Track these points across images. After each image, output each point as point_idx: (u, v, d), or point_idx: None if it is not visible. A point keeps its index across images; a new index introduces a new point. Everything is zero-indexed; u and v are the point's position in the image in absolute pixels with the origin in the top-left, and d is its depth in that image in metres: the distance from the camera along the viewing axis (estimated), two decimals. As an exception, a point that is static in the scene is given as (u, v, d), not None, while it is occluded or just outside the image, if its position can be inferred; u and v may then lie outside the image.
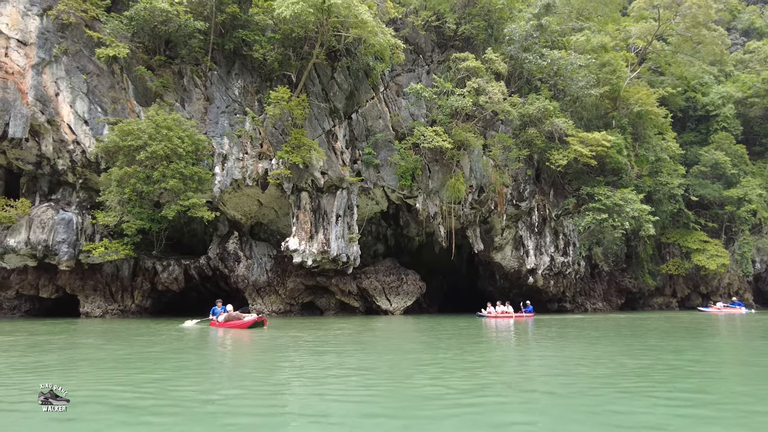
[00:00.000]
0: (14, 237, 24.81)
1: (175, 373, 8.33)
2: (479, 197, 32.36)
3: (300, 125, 26.83)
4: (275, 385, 7.21)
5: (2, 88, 23.78)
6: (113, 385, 7.10)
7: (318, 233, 28.08)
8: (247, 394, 6.57)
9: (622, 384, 7.32)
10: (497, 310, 29.76)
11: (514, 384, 7.35)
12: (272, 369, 8.74)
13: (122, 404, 5.92)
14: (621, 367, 8.99)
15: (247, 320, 18.32)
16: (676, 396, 6.52)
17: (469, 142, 29.67)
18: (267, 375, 8.09)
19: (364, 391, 6.78)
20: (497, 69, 30.55)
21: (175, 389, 6.84)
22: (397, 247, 38.54)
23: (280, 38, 26.47)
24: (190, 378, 7.92)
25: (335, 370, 8.46)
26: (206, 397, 6.40)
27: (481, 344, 13.48)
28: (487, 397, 6.34)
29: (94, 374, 8.21)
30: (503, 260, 36.43)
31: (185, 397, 6.31)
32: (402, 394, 6.55)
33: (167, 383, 7.31)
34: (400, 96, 31.65)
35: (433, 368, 8.86)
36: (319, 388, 6.91)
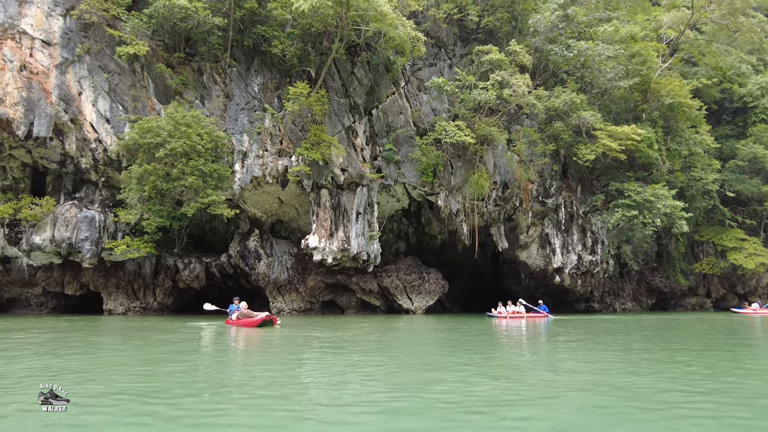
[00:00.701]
0: (40, 235, 25.14)
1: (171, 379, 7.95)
2: (503, 194, 31.51)
3: (319, 121, 26.49)
4: (281, 399, 6.70)
5: (27, 88, 24.09)
6: (102, 395, 6.75)
7: (338, 231, 27.71)
8: (249, 404, 6.13)
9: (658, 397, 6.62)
10: (508, 310, 28.65)
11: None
12: (277, 377, 7.88)
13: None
14: (656, 375, 8.26)
15: (255, 319, 17.89)
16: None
17: (492, 136, 28.86)
18: (269, 383, 7.61)
19: (382, 403, 6.25)
20: (521, 61, 29.65)
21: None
22: (419, 245, 37.92)
23: (299, 33, 26.18)
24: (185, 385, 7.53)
25: (347, 376, 7.96)
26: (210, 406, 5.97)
27: (504, 348, 12.82)
28: (509, 409, 5.76)
29: (94, 377, 7.90)
30: (529, 259, 35.46)
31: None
32: (423, 404, 6.01)
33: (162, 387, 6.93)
34: (422, 91, 31.03)
35: (455, 374, 8.29)
36: (328, 399, 6.41)
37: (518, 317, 27.71)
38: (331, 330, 17.36)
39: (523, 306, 29.20)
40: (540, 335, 16.29)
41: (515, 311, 28.66)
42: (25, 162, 26.40)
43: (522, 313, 28.50)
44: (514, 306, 29.23)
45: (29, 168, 26.97)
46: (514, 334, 16.67)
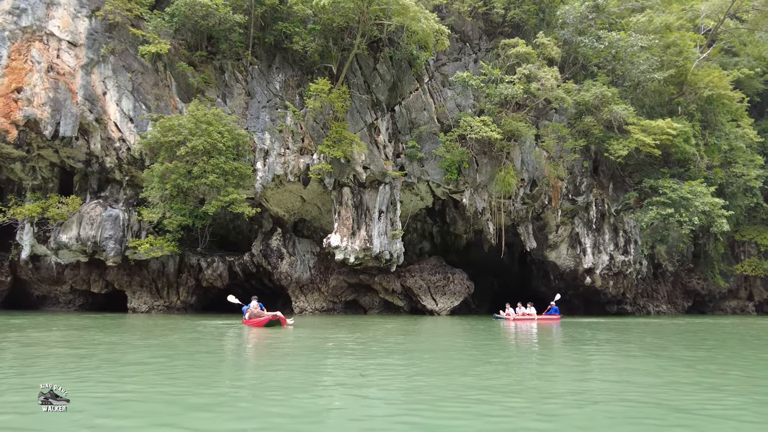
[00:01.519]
0: (66, 233, 25.46)
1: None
2: (531, 191, 30.49)
3: (341, 118, 26.08)
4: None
5: (54, 89, 24.40)
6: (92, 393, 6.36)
7: (360, 229, 27.24)
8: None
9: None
10: (518, 312, 27.34)
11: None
12: (268, 387, 6.99)
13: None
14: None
15: (261, 319, 17.40)
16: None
17: (520, 132, 27.91)
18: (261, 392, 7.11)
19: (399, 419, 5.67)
20: (549, 54, 28.60)
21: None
22: (444, 245, 37.16)
23: (320, 29, 25.80)
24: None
25: (355, 390, 7.39)
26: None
27: (536, 354, 12.07)
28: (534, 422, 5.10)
29: (93, 378, 7.56)
30: (558, 259, 34.30)
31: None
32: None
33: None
34: (446, 86, 30.28)
35: (478, 384, 7.66)
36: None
37: (528, 319, 26.38)
38: (348, 330, 16.86)
39: (533, 308, 27.78)
40: (572, 339, 15.42)
41: (525, 313, 27.33)
42: (53, 162, 26.80)
43: (533, 315, 27.15)
44: (524, 308, 27.92)
45: (57, 167, 27.38)
46: (549, 338, 15.85)
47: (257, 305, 18.62)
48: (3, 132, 23.81)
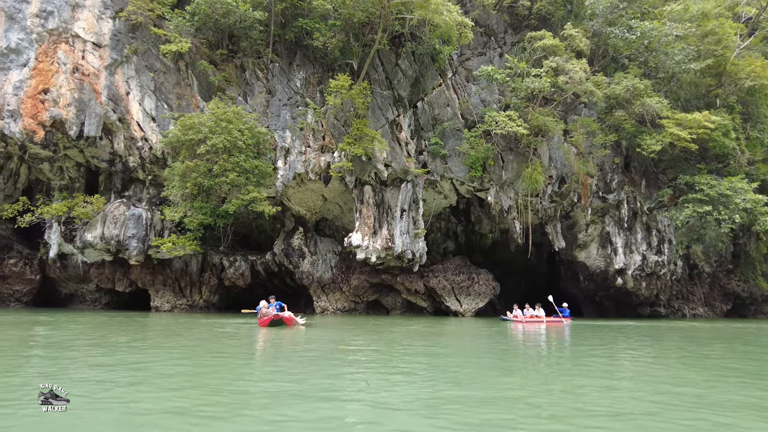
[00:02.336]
0: (91, 232, 25.71)
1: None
2: (560, 189, 29.44)
3: (362, 115, 25.61)
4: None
5: (79, 89, 24.66)
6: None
7: (382, 228, 26.72)
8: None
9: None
10: (526, 314, 26.10)
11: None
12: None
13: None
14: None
15: (263, 318, 16.97)
16: None
17: (547, 127, 26.94)
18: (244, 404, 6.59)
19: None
20: (578, 46, 27.53)
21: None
22: (468, 244, 36.33)
23: (340, 25, 25.40)
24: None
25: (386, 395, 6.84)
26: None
27: (567, 361, 11.33)
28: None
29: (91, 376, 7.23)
30: (588, 259, 33.09)
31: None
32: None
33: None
34: (470, 81, 29.50)
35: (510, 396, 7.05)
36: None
37: (536, 321, 25.15)
38: (366, 332, 16.35)
39: (542, 309, 26.51)
40: (603, 344, 14.56)
41: (533, 315, 26.09)
42: (79, 162, 27.14)
43: (541, 317, 25.89)
44: (532, 309, 26.72)
45: (83, 167, 27.73)
46: (580, 342, 15.02)
47: (266, 305, 18.23)
48: (30, 132, 24.19)
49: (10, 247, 29.12)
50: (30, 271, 28.76)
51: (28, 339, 12.12)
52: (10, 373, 7.27)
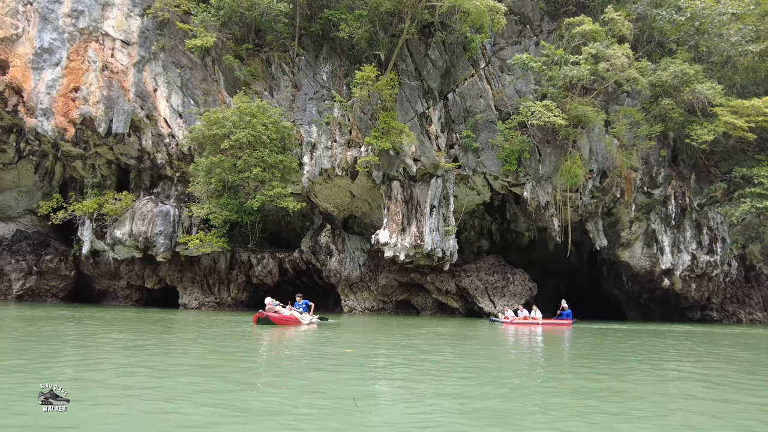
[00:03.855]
0: (120, 229, 25.85)
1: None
2: (601, 184, 27.69)
3: (389, 108, 24.73)
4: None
5: (108, 87, 24.82)
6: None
7: (410, 225, 25.74)
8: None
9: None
10: (520, 315, 24.13)
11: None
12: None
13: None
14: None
15: (254, 315, 16.32)
16: None
17: (587, 118, 25.30)
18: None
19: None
20: (620, 31, 25.75)
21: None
22: (504, 243, 34.86)
23: (367, 15, 24.58)
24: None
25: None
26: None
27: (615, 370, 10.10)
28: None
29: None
30: (631, 259, 31.10)
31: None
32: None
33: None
34: (504, 72, 28.13)
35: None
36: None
37: (531, 324, 23.18)
38: (386, 333, 15.42)
39: (539, 311, 24.40)
40: (662, 351, 13.14)
41: (526, 317, 24.03)
42: (110, 159, 27.37)
43: (537, 319, 23.75)
44: (526, 311, 24.78)
45: (114, 165, 27.97)
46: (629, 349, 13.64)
47: (272, 302, 17.54)
48: (62, 130, 24.48)
49: (47, 243, 29.75)
50: (65, 268, 29.27)
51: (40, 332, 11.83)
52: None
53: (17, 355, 8.26)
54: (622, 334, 19.03)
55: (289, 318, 16.68)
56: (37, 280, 29.08)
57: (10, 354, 8.45)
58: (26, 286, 28.90)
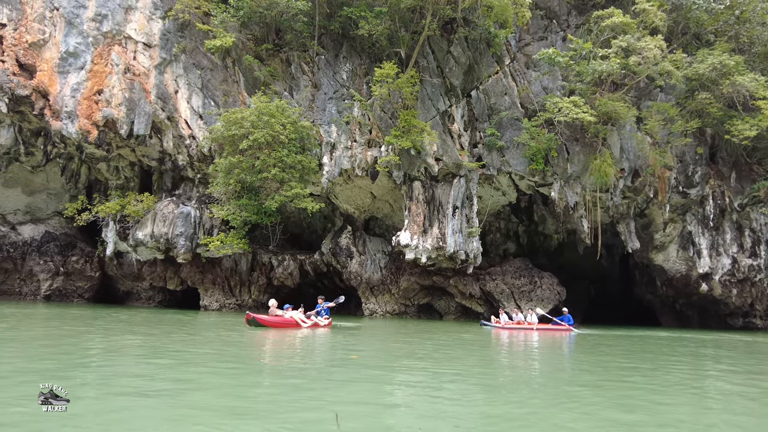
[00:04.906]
0: (142, 230, 25.94)
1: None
2: (633, 183, 26.45)
3: (410, 106, 24.12)
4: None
5: (129, 89, 24.96)
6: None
7: (432, 227, 25.02)
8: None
9: None
10: (515, 320, 22.98)
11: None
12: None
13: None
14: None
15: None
16: None
17: (617, 114, 24.17)
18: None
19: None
20: (652, 22, 24.54)
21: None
22: (531, 246, 33.76)
23: (387, 12, 24.06)
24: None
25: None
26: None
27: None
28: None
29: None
30: (666, 262, 29.63)
31: None
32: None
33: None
34: (530, 68, 27.20)
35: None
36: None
37: (525, 329, 22.01)
38: (402, 338, 14.76)
39: (536, 316, 23.14)
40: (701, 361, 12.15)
41: (520, 321, 22.84)
42: (132, 161, 27.56)
43: (533, 324, 22.54)
44: (521, 315, 23.51)
45: (137, 167, 28.16)
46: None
47: (275, 303, 17.19)
48: (85, 132, 24.73)
49: (73, 245, 30.19)
50: (90, 269, 29.63)
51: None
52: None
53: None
54: (651, 341, 17.90)
55: (287, 321, 16.19)
56: (64, 280, 29.51)
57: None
58: (54, 287, 29.37)
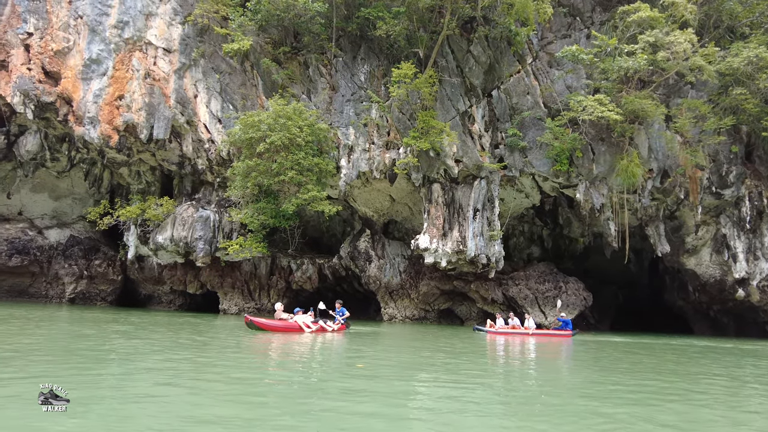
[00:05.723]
0: (162, 234, 26.08)
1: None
2: (662, 184, 25.38)
3: (429, 107, 23.65)
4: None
5: (149, 94, 25.19)
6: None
7: (452, 230, 24.43)
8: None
9: None
10: (509, 324, 22.02)
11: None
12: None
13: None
14: None
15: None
16: None
17: (645, 112, 23.20)
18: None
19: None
20: (682, 16, 23.52)
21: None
22: (556, 250, 32.78)
23: (405, 11, 23.68)
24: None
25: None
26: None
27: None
28: None
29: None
30: (699, 267, 28.34)
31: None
32: None
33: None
34: (553, 67, 26.42)
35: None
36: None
37: (520, 334, 21.12)
38: (418, 345, 14.22)
39: (532, 321, 22.23)
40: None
41: (515, 326, 21.90)
42: (153, 166, 27.79)
43: (530, 329, 21.58)
44: (517, 320, 22.45)
45: (158, 171, 28.40)
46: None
47: (281, 307, 17.03)
48: (107, 137, 25.03)
49: (97, 249, 30.60)
50: (112, 272, 29.99)
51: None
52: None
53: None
54: (683, 349, 16.93)
55: (288, 326, 15.89)
56: (88, 284, 29.92)
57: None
58: (78, 290, 29.79)
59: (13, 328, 12.76)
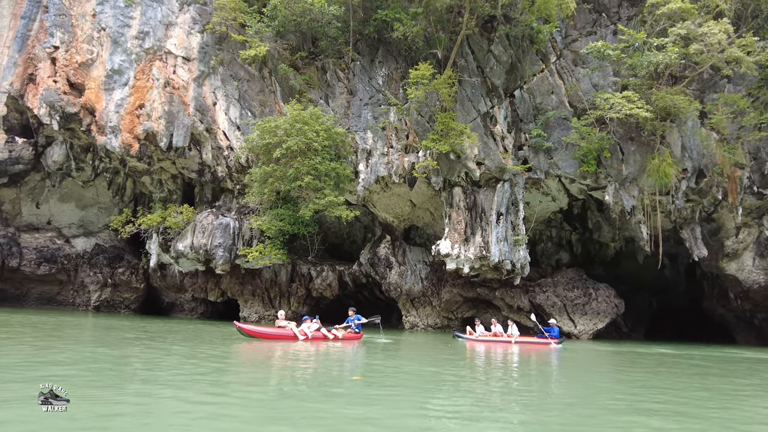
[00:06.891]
0: (182, 242, 26.08)
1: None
2: (697, 184, 24.03)
3: (448, 108, 22.99)
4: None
5: (169, 102, 25.32)
6: None
7: (475, 235, 23.61)
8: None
9: None
10: (491, 332, 20.98)
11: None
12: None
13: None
14: None
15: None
16: None
17: (677, 109, 22.00)
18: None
19: None
20: (716, 6, 22.28)
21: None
22: (586, 255, 31.48)
23: (423, 12, 23.17)
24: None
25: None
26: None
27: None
28: None
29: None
30: (740, 272, 26.69)
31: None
32: None
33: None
34: (578, 65, 25.42)
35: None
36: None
37: (501, 342, 20.10)
38: (432, 356, 13.48)
39: (515, 328, 21.13)
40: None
41: (496, 333, 20.88)
42: (174, 174, 27.91)
43: (513, 336, 20.49)
44: (500, 327, 21.37)
45: (179, 180, 28.52)
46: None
47: (283, 316, 16.81)
48: (128, 146, 25.24)
49: (121, 257, 30.90)
50: (135, 280, 30.19)
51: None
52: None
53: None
54: (727, 362, 15.68)
55: (281, 334, 15.47)
56: (112, 291, 30.20)
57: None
58: (102, 298, 30.09)
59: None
